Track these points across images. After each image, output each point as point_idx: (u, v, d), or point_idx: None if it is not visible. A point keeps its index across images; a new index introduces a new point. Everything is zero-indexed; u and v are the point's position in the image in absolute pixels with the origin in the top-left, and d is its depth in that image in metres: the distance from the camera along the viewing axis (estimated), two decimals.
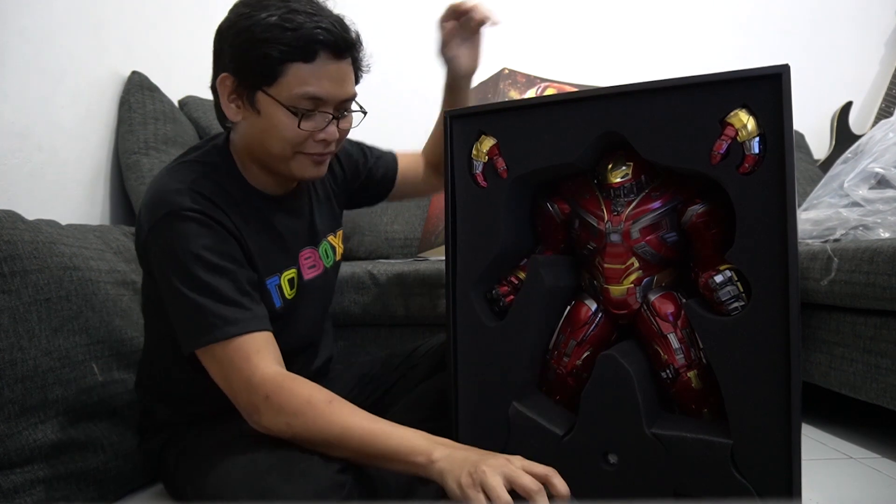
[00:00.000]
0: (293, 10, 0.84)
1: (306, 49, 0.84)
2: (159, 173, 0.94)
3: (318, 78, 0.86)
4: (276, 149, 0.89)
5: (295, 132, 0.88)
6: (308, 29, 0.84)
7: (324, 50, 0.86)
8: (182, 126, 1.72)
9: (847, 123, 2.39)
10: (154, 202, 0.87)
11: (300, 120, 0.87)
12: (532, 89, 2.02)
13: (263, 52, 0.84)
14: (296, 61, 0.85)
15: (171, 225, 0.84)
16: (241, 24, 0.85)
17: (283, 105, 0.86)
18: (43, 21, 1.33)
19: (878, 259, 1.09)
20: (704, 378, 0.88)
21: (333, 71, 0.87)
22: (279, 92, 0.86)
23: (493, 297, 1.00)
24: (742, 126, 0.80)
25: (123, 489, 1.05)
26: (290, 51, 0.84)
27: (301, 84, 0.86)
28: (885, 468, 1.11)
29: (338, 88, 0.89)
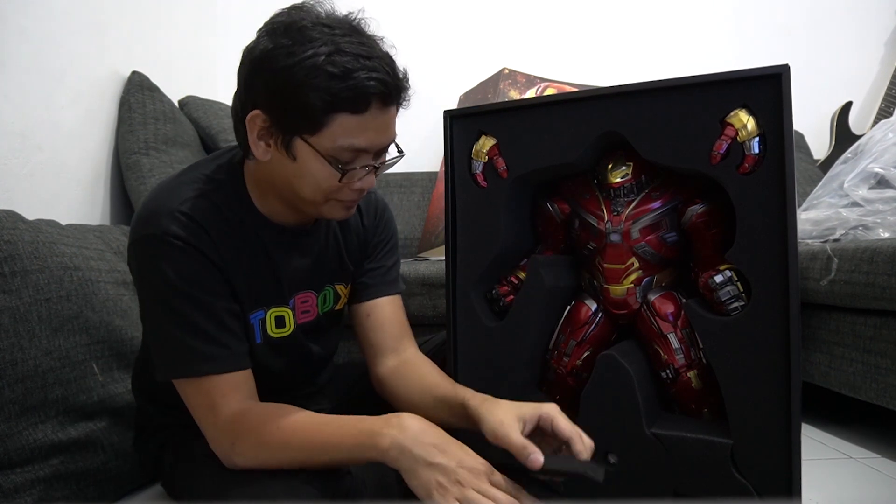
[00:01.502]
0: (341, 50, 0.75)
1: (357, 101, 0.76)
2: (163, 182, 0.89)
3: (366, 129, 0.79)
4: (308, 194, 0.83)
5: (333, 183, 0.81)
6: (360, 79, 0.75)
7: (376, 101, 0.77)
8: (182, 126, 1.72)
9: (847, 123, 2.39)
10: (144, 217, 0.82)
11: (342, 175, 0.80)
12: (532, 89, 2.02)
13: (307, 100, 0.75)
14: (343, 112, 0.76)
15: (153, 247, 0.80)
16: (280, 62, 0.75)
17: (324, 156, 0.79)
18: (43, 21, 1.33)
19: (878, 259, 1.09)
20: (704, 378, 0.88)
21: (381, 120, 0.80)
22: (320, 141, 0.78)
23: (493, 297, 1.00)
24: (742, 126, 0.80)
25: (123, 489, 1.04)
26: (339, 102, 0.75)
27: (347, 136, 0.78)
28: (885, 468, 1.11)
29: (383, 137, 0.82)
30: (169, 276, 0.79)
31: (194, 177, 0.87)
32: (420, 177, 2.18)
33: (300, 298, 0.94)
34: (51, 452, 0.93)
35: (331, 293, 0.99)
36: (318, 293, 0.96)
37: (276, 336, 0.91)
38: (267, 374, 0.90)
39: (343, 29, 0.78)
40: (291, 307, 0.93)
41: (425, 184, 2.19)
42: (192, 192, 0.84)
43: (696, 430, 0.85)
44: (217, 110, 1.85)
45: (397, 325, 1.01)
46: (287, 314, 0.92)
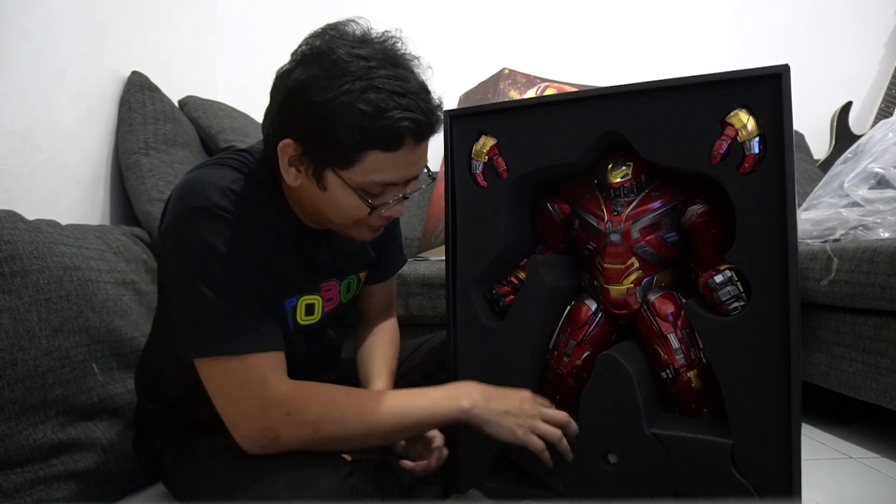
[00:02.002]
0: (375, 86, 0.74)
1: (390, 140, 0.76)
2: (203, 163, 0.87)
3: (397, 165, 0.79)
4: (337, 220, 0.84)
5: (361, 213, 0.82)
6: (394, 118, 0.74)
7: (409, 139, 0.77)
8: (182, 126, 1.72)
9: (847, 123, 2.39)
10: (189, 192, 0.80)
11: (371, 208, 0.81)
12: (532, 89, 2.02)
13: (339, 137, 0.75)
14: (376, 149, 0.77)
15: (201, 220, 0.77)
16: (314, 96, 0.75)
17: (354, 189, 0.80)
18: (43, 21, 1.33)
19: (878, 259, 1.09)
20: (704, 378, 0.88)
21: (414, 156, 0.80)
22: (351, 176, 0.79)
23: (493, 297, 1.00)
24: (742, 126, 0.80)
25: (123, 489, 1.04)
26: (372, 140, 0.76)
27: (378, 172, 0.78)
28: (885, 468, 1.11)
29: (414, 170, 0.82)
30: (218, 248, 0.77)
31: (238, 161, 0.86)
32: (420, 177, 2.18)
33: (325, 286, 0.96)
34: (51, 452, 0.93)
35: (354, 281, 1.01)
36: (341, 281, 0.98)
37: (304, 323, 0.93)
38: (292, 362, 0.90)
39: (378, 60, 0.76)
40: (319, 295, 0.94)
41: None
42: (236, 173, 0.83)
43: (696, 430, 0.85)
44: (217, 110, 1.85)
45: (385, 300, 1.15)
46: (317, 302, 0.94)
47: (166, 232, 0.81)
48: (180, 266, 0.79)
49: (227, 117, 1.83)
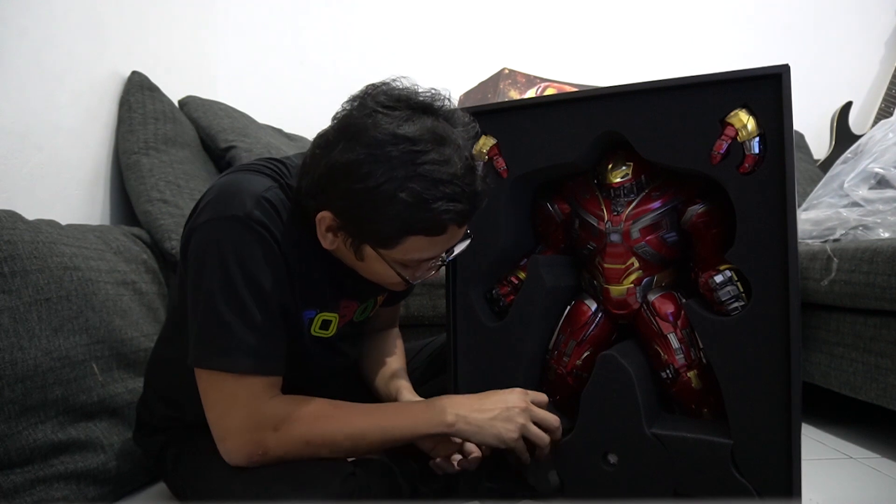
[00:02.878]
0: (419, 174, 0.72)
1: (433, 229, 0.76)
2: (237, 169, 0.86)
3: (436, 245, 0.79)
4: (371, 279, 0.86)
5: (397, 282, 0.84)
6: (437, 211, 0.73)
7: (451, 226, 0.77)
8: (182, 126, 1.72)
9: (847, 123, 2.39)
10: (224, 197, 0.79)
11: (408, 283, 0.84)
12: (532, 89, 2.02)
13: (381, 226, 0.75)
14: (418, 234, 0.76)
15: (233, 228, 0.77)
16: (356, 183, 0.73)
17: (391, 264, 0.80)
18: (43, 21, 1.32)
19: (878, 259, 1.09)
20: (704, 378, 0.88)
21: (453, 234, 0.80)
22: (390, 254, 0.79)
23: (493, 297, 1.00)
24: (742, 126, 0.80)
25: (123, 489, 1.04)
26: (415, 228, 0.75)
27: (418, 252, 0.79)
28: (885, 468, 1.11)
29: (453, 242, 0.82)
30: (243, 260, 0.77)
31: (275, 172, 0.86)
32: None
33: (343, 304, 0.96)
34: (51, 452, 0.93)
35: (371, 304, 1.02)
36: (360, 303, 0.98)
37: (316, 335, 0.93)
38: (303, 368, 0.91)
39: (424, 141, 0.73)
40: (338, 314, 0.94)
41: None
42: (269, 182, 0.83)
43: (696, 430, 0.85)
44: (217, 110, 1.85)
45: (394, 314, 1.16)
46: (334, 319, 0.93)
47: (198, 231, 0.80)
48: (203, 270, 0.79)
49: (227, 117, 1.83)
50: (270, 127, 2.02)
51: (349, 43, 2.28)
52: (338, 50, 2.27)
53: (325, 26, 2.33)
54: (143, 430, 1.00)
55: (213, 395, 0.80)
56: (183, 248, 0.85)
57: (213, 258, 0.78)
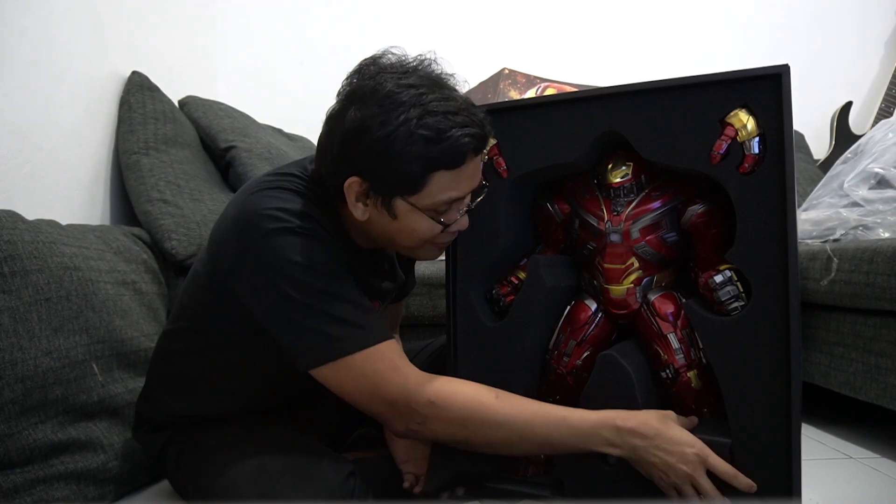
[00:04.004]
0: (430, 111, 0.77)
1: (455, 159, 0.79)
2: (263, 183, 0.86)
3: (461, 180, 0.82)
4: (407, 244, 0.87)
5: (433, 232, 0.84)
6: (455, 138, 0.78)
7: (470, 153, 0.81)
8: (182, 126, 1.72)
9: (847, 123, 2.39)
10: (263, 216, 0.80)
11: (444, 227, 0.84)
12: (532, 89, 2.02)
13: (406, 167, 0.78)
14: (441, 170, 0.80)
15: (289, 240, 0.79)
16: (375, 133, 0.77)
17: (424, 211, 0.82)
18: (43, 21, 1.32)
19: (878, 259, 1.09)
20: (704, 378, 0.88)
21: (474, 168, 0.83)
22: (420, 200, 0.81)
23: (493, 297, 1.00)
24: (742, 126, 0.80)
25: (123, 489, 1.04)
26: (438, 163, 0.79)
27: (446, 191, 0.81)
28: (885, 468, 1.11)
29: (475, 182, 0.85)
30: (316, 261, 0.79)
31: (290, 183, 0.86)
32: None
33: None
34: (51, 452, 0.93)
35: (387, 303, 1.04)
36: (382, 302, 1.00)
37: None
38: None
39: (426, 86, 0.79)
40: None
41: None
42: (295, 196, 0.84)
43: (696, 430, 0.85)
44: (217, 110, 1.85)
45: (394, 317, 1.17)
46: None
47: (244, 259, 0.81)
48: (276, 286, 0.79)
49: (227, 117, 1.83)
50: (270, 127, 2.02)
51: (349, 43, 2.28)
52: (338, 50, 2.26)
53: (325, 26, 2.33)
54: (145, 427, 1.00)
55: (354, 383, 0.80)
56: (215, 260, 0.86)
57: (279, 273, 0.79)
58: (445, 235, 0.87)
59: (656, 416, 0.82)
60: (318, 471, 0.79)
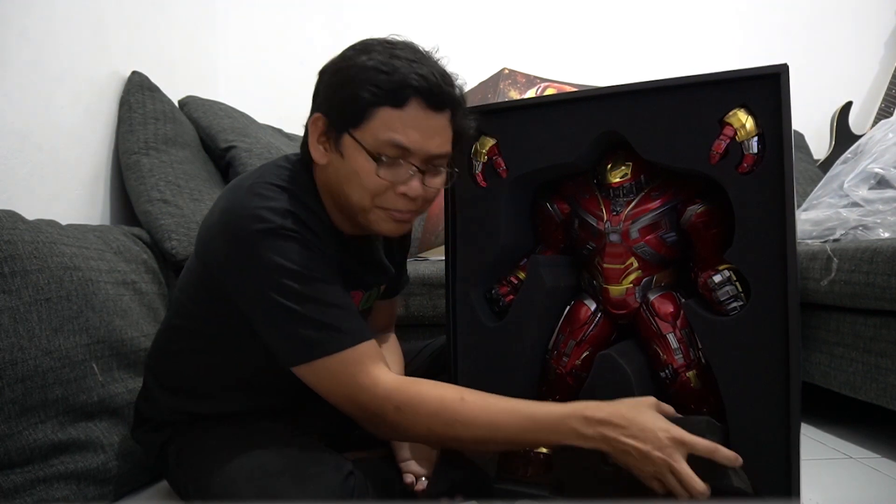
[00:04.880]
0: (395, 55, 0.81)
1: (397, 94, 0.80)
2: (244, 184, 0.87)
3: (406, 126, 0.81)
4: (356, 197, 0.85)
5: (375, 180, 0.82)
6: (403, 74, 0.80)
7: (416, 97, 0.81)
8: (182, 126, 1.72)
9: (847, 123, 2.39)
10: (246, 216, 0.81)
11: (380, 167, 0.82)
12: (532, 89, 2.02)
13: (354, 92, 0.81)
14: (385, 105, 0.80)
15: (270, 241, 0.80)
16: (339, 66, 0.84)
17: (367, 150, 0.82)
18: (43, 21, 1.33)
19: (878, 259, 1.09)
20: (703, 378, 0.88)
21: (423, 121, 0.82)
22: (364, 135, 0.82)
23: (493, 297, 1.00)
24: (741, 126, 0.80)
25: (123, 489, 1.04)
26: (381, 93, 0.80)
27: (387, 130, 0.81)
28: (885, 468, 1.11)
29: (426, 141, 0.83)
30: (295, 263, 0.80)
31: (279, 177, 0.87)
32: None
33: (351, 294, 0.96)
34: (51, 452, 0.93)
35: (375, 293, 1.03)
36: (365, 292, 0.99)
37: None
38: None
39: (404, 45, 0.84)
40: None
41: None
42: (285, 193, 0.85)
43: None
44: (217, 110, 1.85)
45: (389, 315, 1.14)
46: None
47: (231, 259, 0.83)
48: (261, 289, 0.81)
49: (227, 117, 1.83)
50: (270, 127, 2.02)
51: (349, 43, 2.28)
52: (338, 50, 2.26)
53: (325, 26, 2.33)
54: (145, 427, 1.00)
55: (328, 384, 0.82)
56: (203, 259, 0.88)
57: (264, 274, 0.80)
58: (393, 198, 0.84)
59: (628, 405, 0.80)
60: (318, 470, 0.79)
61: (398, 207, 0.85)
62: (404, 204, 0.85)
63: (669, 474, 0.75)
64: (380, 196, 0.84)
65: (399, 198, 0.84)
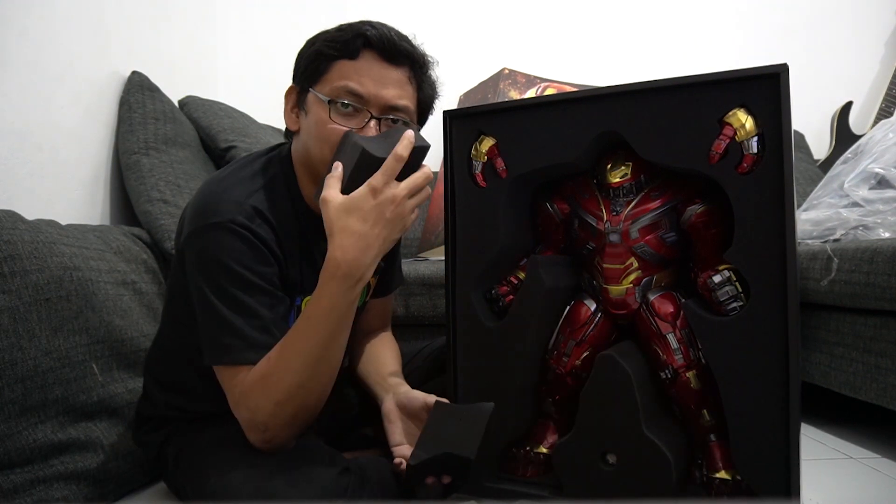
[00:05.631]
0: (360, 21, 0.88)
1: (350, 45, 0.86)
2: (219, 176, 0.92)
3: (360, 75, 0.86)
4: (316, 150, 0.87)
5: (331, 127, 0.85)
6: (357, 27, 0.86)
7: (367, 48, 0.86)
8: (182, 126, 1.72)
9: (847, 123, 2.39)
10: (207, 207, 0.85)
11: (332, 111, 0.85)
12: (532, 89, 2.02)
13: (314, 50, 0.87)
14: (341, 58, 0.86)
15: (215, 236, 0.82)
16: (313, 38, 0.90)
17: (325, 100, 0.86)
18: (43, 21, 1.33)
19: (878, 259, 1.09)
20: (703, 378, 0.88)
21: (377, 71, 0.87)
22: (322, 88, 0.87)
23: (493, 297, 1.00)
24: (741, 125, 0.80)
25: (123, 489, 1.04)
26: (336, 46, 0.86)
27: (341, 78, 0.86)
28: (885, 468, 1.11)
29: (380, 89, 0.86)
30: (231, 263, 0.82)
31: (251, 171, 0.91)
32: None
33: None
34: (51, 452, 0.93)
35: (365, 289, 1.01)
36: None
37: None
38: None
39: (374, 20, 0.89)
40: None
41: None
42: (253, 186, 0.88)
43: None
44: (217, 110, 1.85)
45: (383, 315, 1.15)
46: None
47: (186, 244, 0.86)
48: (200, 278, 0.84)
49: (227, 117, 1.83)
50: (270, 127, 2.02)
51: None
52: None
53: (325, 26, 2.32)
54: (145, 427, 1.00)
55: (229, 389, 0.84)
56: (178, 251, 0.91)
57: (205, 266, 0.83)
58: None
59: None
60: (313, 469, 0.80)
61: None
62: None
63: (403, 202, 0.81)
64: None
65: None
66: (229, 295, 0.82)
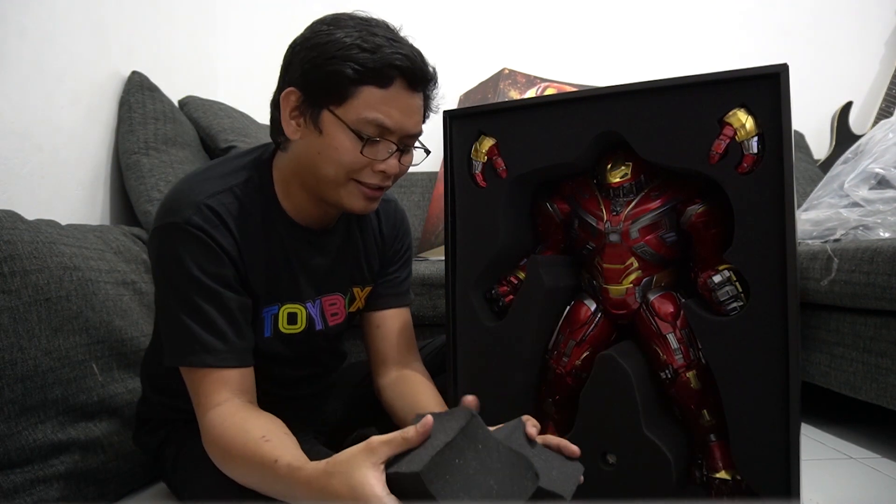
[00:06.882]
0: (373, 33, 0.82)
1: (383, 73, 0.81)
2: (190, 174, 0.91)
3: (389, 106, 0.83)
4: (331, 172, 0.85)
5: (355, 157, 0.83)
6: (387, 53, 0.81)
7: (400, 77, 0.83)
8: (182, 126, 1.72)
9: (847, 123, 2.39)
10: (169, 206, 0.85)
11: (364, 145, 0.83)
12: (532, 89, 2.02)
13: (337, 69, 0.80)
14: (369, 84, 0.81)
15: (170, 236, 0.82)
16: (316, 41, 0.82)
17: (349, 127, 0.82)
18: (43, 21, 1.33)
19: (878, 259, 1.09)
20: (703, 378, 0.88)
21: (405, 102, 0.84)
22: (346, 113, 0.82)
23: (493, 297, 1.00)
24: (741, 125, 0.80)
25: (123, 489, 1.05)
26: (366, 72, 0.81)
27: (371, 109, 0.82)
28: (885, 468, 1.11)
29: (406, 121, 0.85)
30: (185, 264, 0.81)
31: (222, 171, 0.89)
32: (420, 177, 2.18)
33: (328, 301, 0.96)
34: (51, 452, 0.93)
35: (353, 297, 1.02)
36: (345, 295, 0.99)
37: (287, 332, 0.93)
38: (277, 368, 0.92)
39: (377, 22, 0.85)
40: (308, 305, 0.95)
41: (425, 184, 2.19)
42: (218, 186, 0.86)
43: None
44: (217, 110, 1.85)
45: (404, 338, 1.05)
46: (300, 311, 0.94)
47: (149, 239, 0.87)
48: (157, 277, 0.87)
49: (227, 117, 1.83)
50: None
51: None
52: None
53: None
54: (144, 428, 1.00)
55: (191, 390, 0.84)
56: None
57: (161, 266, 0.85)
58: (370, 174, 0.85)
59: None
60: None
61: (374, 182, 0.87)
62: (380, 179, 0.87)
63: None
64: (357, 172, 0.85)
65: (375, 174, 0.86)
66: (183, 297, 0.82)
